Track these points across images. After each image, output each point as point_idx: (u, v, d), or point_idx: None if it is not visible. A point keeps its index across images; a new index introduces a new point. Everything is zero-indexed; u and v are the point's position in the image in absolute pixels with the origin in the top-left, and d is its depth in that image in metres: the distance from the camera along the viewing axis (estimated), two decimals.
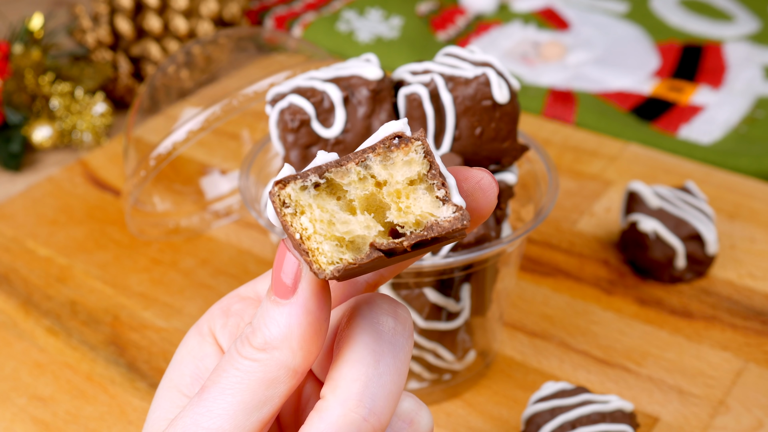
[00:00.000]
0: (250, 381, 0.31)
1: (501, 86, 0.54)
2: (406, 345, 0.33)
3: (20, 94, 0.90)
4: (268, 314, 0.32)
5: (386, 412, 0.31)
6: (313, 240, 0.30)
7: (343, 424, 0.31)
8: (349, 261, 0.30)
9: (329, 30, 1.08)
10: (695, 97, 0.97)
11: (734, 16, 1.12)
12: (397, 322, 0.33)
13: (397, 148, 0.30)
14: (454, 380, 0.62)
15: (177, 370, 0.36)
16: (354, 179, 0.30)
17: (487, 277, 0.59)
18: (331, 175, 0.30)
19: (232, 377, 0.32)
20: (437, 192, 0.30)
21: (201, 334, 0.37)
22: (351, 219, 0.30)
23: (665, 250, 0.69)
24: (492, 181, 0.32)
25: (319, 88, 0.54)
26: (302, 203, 0.30)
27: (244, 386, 0.32)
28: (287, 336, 0.31)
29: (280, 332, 0.31)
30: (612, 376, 0.63)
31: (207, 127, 0.67)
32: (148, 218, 0.77)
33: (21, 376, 0.65)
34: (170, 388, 0.36)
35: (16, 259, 0.76)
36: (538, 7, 1.15)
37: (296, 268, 0.31)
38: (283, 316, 0.31)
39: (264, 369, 0.31)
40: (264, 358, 0.31)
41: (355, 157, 0.30)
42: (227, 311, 0.37)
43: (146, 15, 0.96)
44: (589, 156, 0.86)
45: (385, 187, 0.30)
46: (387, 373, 0.32)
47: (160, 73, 0.77)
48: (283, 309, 0.31)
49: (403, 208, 0.30)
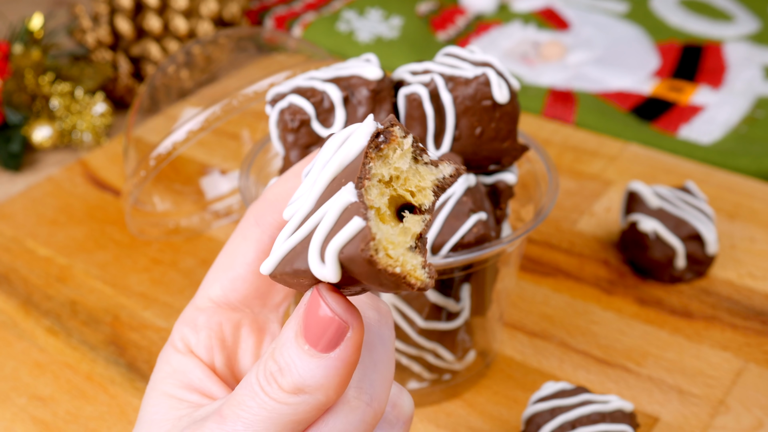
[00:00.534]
0: (279, 421, 0.31)
1: (501, 86, 0.54)
2: (391, 335, 0.34)
3: (20, 94, 0.90)
4: (301, 362, 0.31)
5: (383, 397, 0.33)
6: (407, 264, 0.30)
7: (348, 411, 0.32)
8: (424, 261, 0.30)
9: (329, 30, 1.08)
10: (695, 97, 0.97)
11: (734, 16, 1.12)
12: (380, 315, 0.34)
13: (387, 145, 0.31)
14: (454, 380, 0.62)
15: (167, 383, 0.36)
16: (376, 193, 0.31)
17: (487, 277, 0.59)
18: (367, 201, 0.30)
19: (260, 416, 0.31)
20: (423, 159, 0.32)
21: (179, 351, 0.37)
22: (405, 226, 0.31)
23: (665, 250, 0.69)
24: None
25: (319, 88, 0.54)
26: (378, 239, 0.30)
27: (273, 425, 0.31)
28: (324, 385, 0.31)
29: (317, 382, 0.31)
30: (612, 376, 0.63)
31: (207, 127, 0.67)
32: (148, 218, 0.77)
33: (21, 376, 0.65)
34: (164, 397, 0.36)
35: (16, 259, 0.76)
36: (538, 7, 1.15)
37: (340, 328, 0.31)
38: (320, 368, 0.31)
39: (295, 411, 0.31)
40: (296, 402, 0.31)
41: (364, 175, 0.30)
42: (195, 326, 0.37)
43: (146, 15, 0.96)
44: (589, 156, 0.86)
45: (395, 183, 0.31)
46: (380, 361, 0.33)
47: (160, 73, 0.77)
48: (320, 362, 0.31)
49: (416, 191, 0.31)
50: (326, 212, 0.30)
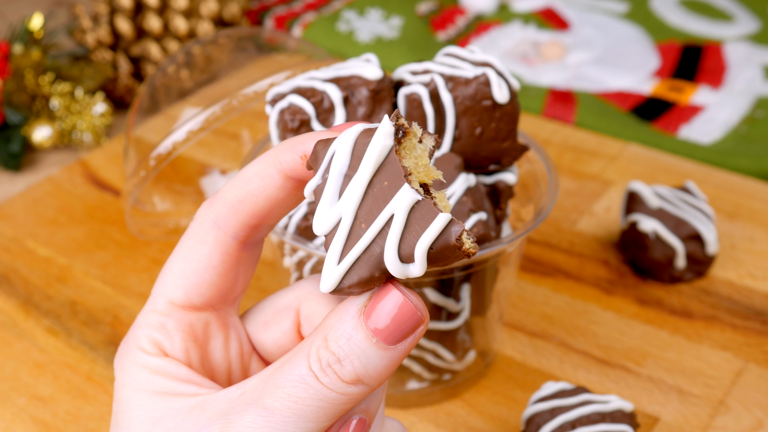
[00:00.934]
0: (334, 412, 0.32)
1: (501, 86, 0.54)
2: None
3: (20, 94, 0.90)
4: (366, 354, 0.32)
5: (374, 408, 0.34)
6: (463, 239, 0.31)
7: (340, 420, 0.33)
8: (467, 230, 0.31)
9: (329, 30, 1.08)
10: (695, 97, 0.97)
11: (734, 16, 1.12)
12: None
13: (404, 138, 0.32)
14: (454, 380, 0.62)
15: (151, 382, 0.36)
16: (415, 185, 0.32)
17: (487, 277, 0.59)
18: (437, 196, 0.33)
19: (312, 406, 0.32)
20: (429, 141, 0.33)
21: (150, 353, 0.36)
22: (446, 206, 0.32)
23: (665, 250, 0.69)
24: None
25: (319, 88, 0.54)
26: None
27: (326, 414, 0.32)
28: (384, 375, 0.32)
29: (379, 373, 0.32)
30: (612, 376, 0.63)
31: (207, 127, 0.67)
32: (148, 218, 0.77)
33: (21, 376, 0.65)
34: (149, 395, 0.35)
35: (16, 259, 0.76)
36: (538, 7, 1.15)
37: (418, 320, 0.32)
38: (385, 360, 0.32)
39: (350, 401, 0.32)
40: (354, 392, 0.32)
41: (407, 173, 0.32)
42: (165, 330, 0.36)
43: (146, 15, 0.96)
44: (589, 156, 0.86)
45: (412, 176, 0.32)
46: None
47: (160, 73, 0.77)
48: (385, 353, 0.32)
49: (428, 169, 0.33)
50: (393, 214, 0.31)
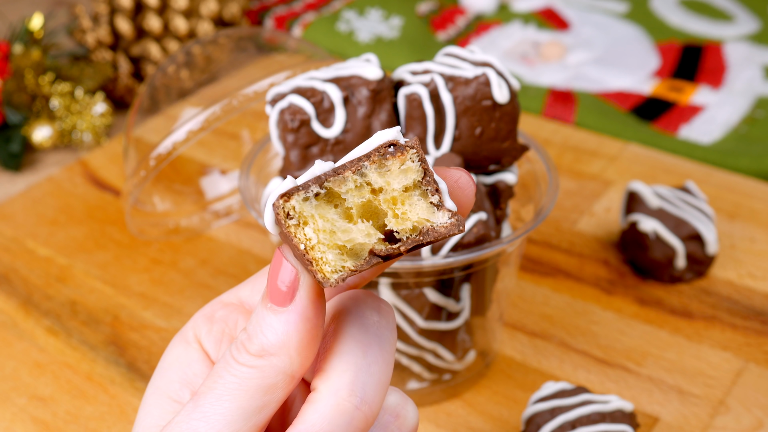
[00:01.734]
0: (248, 387, 0.32)
1: (501, 86, 0.54)
2: (391, 337, 0.34)
3: (20, 94, 0.90)
4: (265, 321, 0.32)
5: (377, 401, 0.32)
6: (317, 250, 0.30)
7: (336, 413, 0.32)
8: (351, 268, 0.30)
9: (329, 30, 1.08)
10: (695, 97, 0.97)
11: (734, 16, 1.12)
12: (381, 316, 0.34)
13: (393, 157, 0.31)
14: (454, 380, 0.62)
15: (164, 377, 0.36)
16: (351, 187, 0.31)
17: (487, 277, 0.59)
18: (330, 185, 0.31)
19: (229, 383, 0.32)
20: (431, 198, 0.31)
21: (186, 341, 0.37)
22: (352, 228, 0.31)
23: (665, 250, 0.69)
24: (469, 180, 0.33)
25: (319, 88, 0.55)
26: (305, 214, 0.30)
27: (242, 392, 0.32)
28: (285, 343, 0.32)
29: (278, 339, 0.32)
30: (612, 376, 0.63)
31: (207, 127, 0.67)
32: (148, 218, 0.77)
33: (21, 376, 0.65)
34: (159, 395, 0.36)
35: (16, 259, 0.76)
36: (538, 7, 1.15)
37: (293, 277, 0.32)
38: (281, 323, 0.32)
39: (261, 375, 0.32)
40: (262, 365, 0.32)
41: (352, 166, 0.31)
42: (211, 318, 0.37)
43: (146, 15, 0.96)
44: (589, 156, 0.86)
45: (381, 194, 0.31)
46: (375, 363, 0.33)
47: (160, 73, 0.77)
48: (280, 317, 0.32)
49: (399, 215, 0.31)
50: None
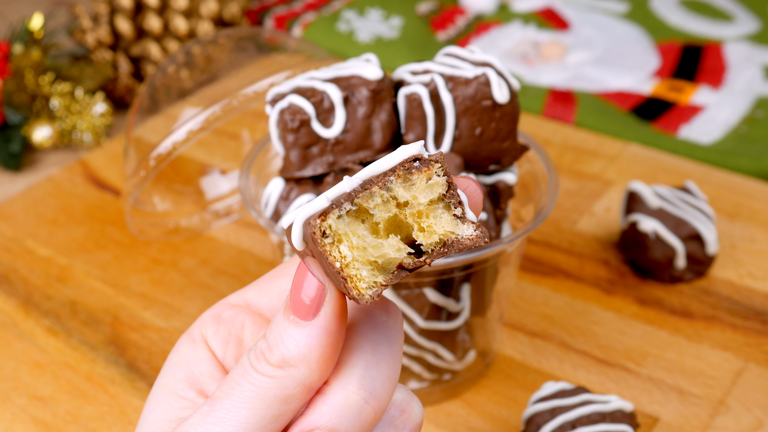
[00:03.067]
0: (266, 397, 0.32)
1: (501, 86, 0.54)
2: (399, 336, 0.35)
3: (20, 94, 0.90)
4: (287, 333, 0.32)
5: (385, 396, 0.33)
6: (351, 267, 0.31)
7: (345, 406, 0.32)
8: (383, 283, 0.31)
9: (329, 30, 1.08)
10: (695, 97, 0.97)
11: (734, 16, 1.12)
12: (389, 316, 0.35)
13: (418, 171, 0.31)
14: (454, 380, 0.62)
15: (170, 375, 0.37)
16: (378, 202, 0.31)
17: (487, 277, 0.59)
18: (360, 201, 0.31)
19: (247, 391, 0.32)
20: (455, 210, 0.32)
21: (193, 341, 0.37)
22: (383, 243, 0.31)
23: (665, 250, 0.69)
24: (477, 187, 0.33)
25: (319, 88, 0.55)
26: (340, 232, 0.31)
27: (260, 401, 0.32)
28: (306, 356, 0.32)
29: (299, 352, 0.32)
30: (612, 376, 0.63)
31: (207, 127, 0.67)
32: (148, 218, 0.77)
33: (21, 376, 0.65)
34: (164, 392, 0.36)
35: (16, 259, 0.76)
36: (538, 7, 1.15)
37: (319, 291, 0.32)
38: (303, 336, 0.32)
39: (280, 386, 0.32)
40: (281, 375, 0.32)
41: (378, 181, 0.31)
42: (218, 318, 0.38)
43: (146, 15, 0.96)
44: (589, 156, 0.86)
45: (407, 208, 0.32)
46: (384, 360, 0.34)
47: (160, 73, 0.77)
48: (303, 330, 0.32)
49: (425, 228, 0.32)
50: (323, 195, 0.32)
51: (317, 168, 0.55)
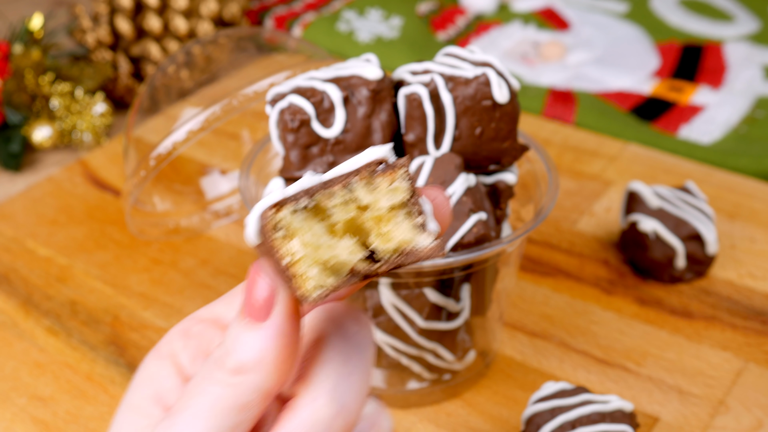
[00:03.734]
0: (222, 407, 0.31)
1: (501, 86, 0.54)
2: (370, 347, 0.34)
3: (20, 94, 0.90)
4: (240, 337, 0.31)
5: (356, 409, 0.32)
6: (300, 265, 0.30)
7: (315, 420, 0.31)
8: (333, 285, 0.30)
9: (329, 30, 1.08)
10: (695, 97, 0.97)
11: (734, 16, 1.12)
12: (360, 326, 0.34)
13: (382, 174, 0.31)
14: (454, 380, 0.62)
15: (137, 392, 0.35)
16: (338, 202, 0.30)
17: (487, 277, 0.59)
18: (319, 197, 0.30)
19: (203, 403, 0.31)
20: (416, 219, 0.31)
21: (160, 357, 0.36)
22: (337, 244, 0.30)
23: (665, 250, 0.69)
24: (445, 199, 0.32)
25: (319, 88, 0.55)
26: (294, 227, 0.30)
27: (216, 411, 0.31)
28: (261, 359, 0.31)
29: (254, 356, 0.31)
30: (612, 376, 0.63)
31: (207, 127, 0.67)
32: (148, 218, 0.77)
33: (21, 376, 0.65)
34: (131, 410, 0.35)
35: (16, 259, 0.76)
36: (538, 7, 1.15)
37: (270, 291, 0.31)
38: (257, 339, 0.31)
39: (237, 393, 0.31)
40: (237, 383, 0.31)
41: (340, 180, 0.30)
42: (187, 333, 0.36)
43: (146, 15, 0.96)
44: (589, 156, 0.86)
45: (366, 212, 0.31)
46: (355, 372, 0.32)
47: (160, 73, 0.77)
48: (256, 333, 0.31)
49: (383, 234, 0.31)
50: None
51: (317, 168, 0.55)
